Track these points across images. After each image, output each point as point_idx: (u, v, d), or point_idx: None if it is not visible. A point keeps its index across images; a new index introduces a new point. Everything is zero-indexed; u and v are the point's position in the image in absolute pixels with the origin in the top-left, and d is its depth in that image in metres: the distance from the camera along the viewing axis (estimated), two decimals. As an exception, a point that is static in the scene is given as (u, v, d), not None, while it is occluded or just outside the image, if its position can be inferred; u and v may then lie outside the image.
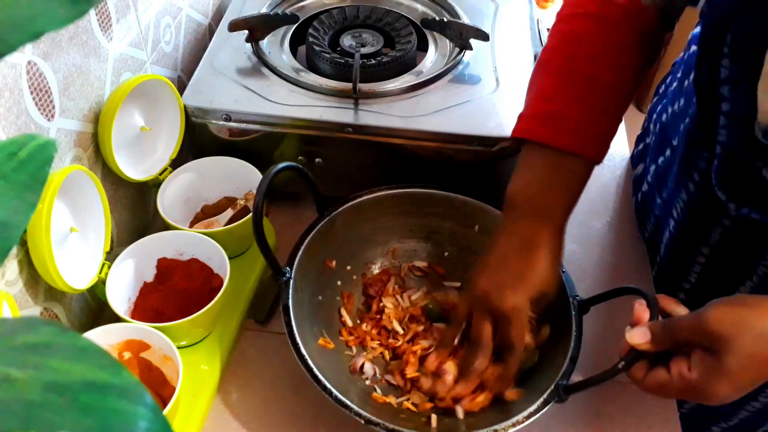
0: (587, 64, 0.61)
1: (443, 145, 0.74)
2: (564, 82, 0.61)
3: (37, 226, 0.55)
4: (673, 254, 0.76)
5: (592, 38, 0.61)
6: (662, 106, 0.82)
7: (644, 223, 0.84)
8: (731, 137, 0.57)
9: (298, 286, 0.64)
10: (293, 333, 0.60)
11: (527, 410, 0.57)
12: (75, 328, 0.68)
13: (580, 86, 0.61)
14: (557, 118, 0.61)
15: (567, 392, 0.58)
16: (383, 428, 0.56)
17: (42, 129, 0.58)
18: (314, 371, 0.58)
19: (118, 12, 0.69)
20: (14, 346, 0.21)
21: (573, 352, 0.60)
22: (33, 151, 0.26)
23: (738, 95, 0.55)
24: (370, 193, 0.72)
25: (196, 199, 0.79)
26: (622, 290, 0.62)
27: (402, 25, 0.86)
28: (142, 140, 0.74)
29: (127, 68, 0.72)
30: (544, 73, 0.63)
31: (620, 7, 0.60)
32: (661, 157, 0.79)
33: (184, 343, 0.67)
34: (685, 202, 0.71)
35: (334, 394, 0.57)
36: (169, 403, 0.56)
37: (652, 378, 0.53)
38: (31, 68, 0.56)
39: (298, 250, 0.66)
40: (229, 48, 0.82)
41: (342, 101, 0.76)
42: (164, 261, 0.71)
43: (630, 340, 0.54)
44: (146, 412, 0.20)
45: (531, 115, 0.62)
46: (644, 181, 0.85)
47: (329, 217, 0.70)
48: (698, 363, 0.50)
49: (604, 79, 0.61)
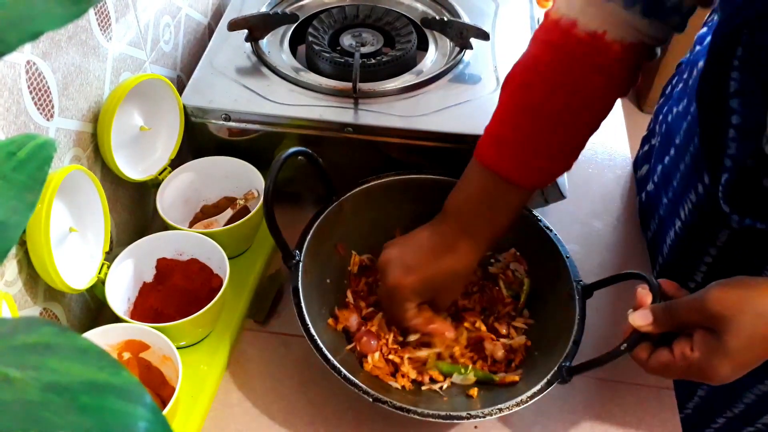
0: (542, 94, 0.58)
1: (443, 144, 0.74)
2: (515, 107, 0.60)
3: (36, 226, 0.55)
4: (678, 254, 0.76)
5: (550, 69, 0.58)
6: (668, 107, 0.82)
7: (648, 223, 0.84)
8: (742, 150, 0.57)
9: (306, 268, 0.65)
10: (303, 314, 0.61)
11: (531, 390, 0.58)
12: (74, 328, 0.68)
13: (528, 115, 0.59)
14: (503, 144, 0.60)
15: (570, 373, 0.59)
16: (390, 406, 0.57)
17: (41, 129, 0.58)
18: (323, 351, 0.59)
19: (117, 11, 0.68)
20: (14, 346, 0.21)
21: (576, 336, 0.62)
22: (32, 151, 0.26)
23: (750, 108, 0.55)
24: (379, 178, 0.73)
25: (195, 199, 0.79)
26: (625, 275, 0.63)
27: (402, 24, 0.86)
28: (142, 140, 0.74)
29: (126, 68, 0.72)
30: (505, 90, 0.62)
31: (580, 43, 0.56)
32: (667, 157, 0.79)
33: (183, 343, 0.67)
34: (693, 203, 0.71)
35: (343, 373, 0.58)
36: (168, 403, 0.56)
37: (655, 359, 0.54)
38: (30, 68, 0.56)
39: (308, 234, 0.67)
40: (228, 47, 0.82)
41: (342, 101, 0.76)
42: (164, 261, 0.71)
43: (632, 322, 0.55)
44: (146, 412, 0.20)
45: (486, 131, 0.62)
46: (650, 180, 0.85)
47: (337, 201, 0.70)
48: (700, 343, 0.51)
49: (556, 112, 0.58)
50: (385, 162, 0.77)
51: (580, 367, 0.59)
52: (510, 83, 0.61)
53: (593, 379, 0.70)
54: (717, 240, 0.69)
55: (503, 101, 0.61)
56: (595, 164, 0.94)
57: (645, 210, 0.86)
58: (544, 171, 0.61)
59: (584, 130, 0.61)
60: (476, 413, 0.58)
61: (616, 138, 0.97)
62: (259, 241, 0.78)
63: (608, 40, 0.55)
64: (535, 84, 0.59)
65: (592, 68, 0.57)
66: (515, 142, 0.60)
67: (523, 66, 0.60)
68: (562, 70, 0.58)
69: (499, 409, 0.58)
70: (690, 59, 0.80)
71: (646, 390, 0.70)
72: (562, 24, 0.57)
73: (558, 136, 0.60)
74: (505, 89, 0.62)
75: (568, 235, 0.84)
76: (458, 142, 0.73)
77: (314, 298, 0.66)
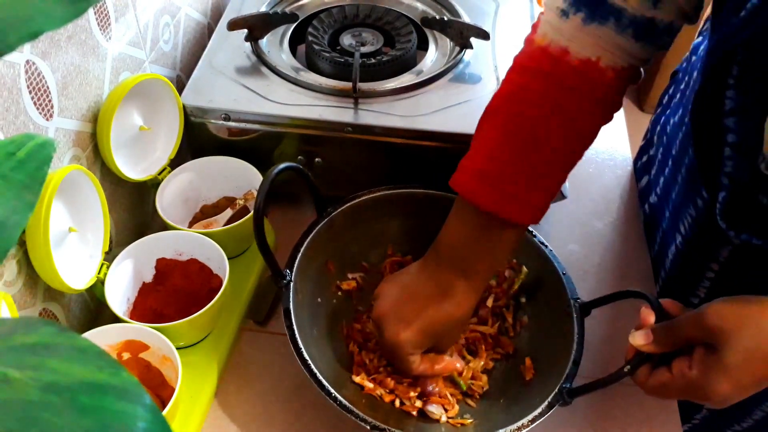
0: (533, 125, 0.56)
1: (443, 144, 0.74)
2: (506, 140, 0.56)
3: (35, 226, 0.55)
4: (680, 269, 0.75)
5: (541, 99, 0.55)
6: (665, 117, 0.82)
7: (653, 235, 0.83)
8: (738, 168, 0.56)
9: (298, 288, 0.64)
10: (295, 337, 0.60)
11: (532, 414, 0.57)
12: (74, 328, 0.68)
13: (522, 148, 0.56)
14: (495, 180, 0.56)
15: (571, 395, 0.58)
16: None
17: (40, 128, 0.58)
18: (318, 376, 0.58)
19: (117, 11, 0.68)
20: (13, 346, 0.21)
21: (576, 355, 0.60)
22: (31, 151, 0.26)
23: (746, 126, 0.54)
24: (370, 193, 0.72)
25: (195, 199, 0.79)
26: (624, 293, 0.61)
27: (402, 24, 0.86)
28: (141, 140, 0.74)
29: (125, 67, 0.72)
30: (490, 123, 0.58)
31: (574, 71, 0.54)
32: (667, 168, 0.79)
33: (183, 343, 0.67)
34: (693, 217, 0.70)
35: (339, 400, 0.57)
36: (168, 403, 0.56)
37: (654, 378, 0.53)
38: (30, 67, 0.55)
39: (298, 253, 0.66)
40: (228, 47, 0.82)
41: (342, 101, 0.76)
42: (163, 261, 0.70)
43: (633, 341, 0.54)
44: (145, 412, 0.20)
45: (471, 169, 0.58)
46: (652, 192, 0.84)
47: (328, 218, 0.69)
48: (699, 360, 0.50)
49: (550, 143, 0.56)
50: (385, 162, 0.77)
51: (581, 389, 0.57)
52: (494, 115, 0.58)
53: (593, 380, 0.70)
54: (719, 256, 0.68)
55: (489, 135, 0.57)
56: (595, 164, 0.94)
57: (649, 223, 0.85)
58: (541, 205, 0.58)
59: (574, 159, 0.59)
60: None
61: (616, 138, 0.98)
62: (259, 241, 0.78)
63: (602, 66, 0.54)
64: (526, 114, 0.56)
65: (586, 95, 0.55)
66: (511, 179, 0.56)
67: (510, 96, 0.57)
68: (555, 98, 0.55)
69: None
70: (685, 68, 0.80)
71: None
72: (552, 51, 0.54)
73: (553, 167, 0.57)
74: (490, 121, 0.58)
75: (568, 235, 0.84)
76: (458, 142, 0.73)
77: (305, 318, 0.64)
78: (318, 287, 0.69)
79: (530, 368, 0.65)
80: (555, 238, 0.83)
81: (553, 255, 0.68)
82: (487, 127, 0.58)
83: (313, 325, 0.66)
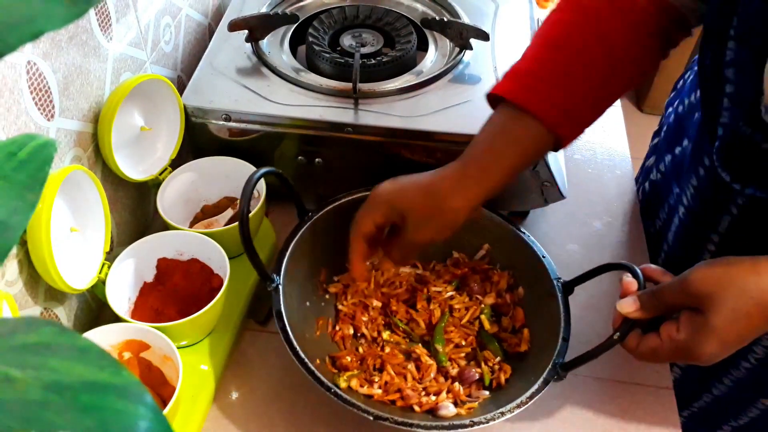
0: (565, 27, 0.59)
1: (443, 145, 0.74)
2: (537, 42, 0.60)
3: (36, 226, 0.55)
4: (683, 242, 0.76)
5: (577, 5, 0.59)
6: (679, 99, 0.83)
7: (656, 211, 0.84)
8: (733, 118, 0.57)
9: (286, 291, 0.64)
10: (290, 338, 0.60)
11: (529, 391, 0.58)
12: (75, 328, 0.68)
13: (550, 46, 0.59)
14: (520, 75, 0.59)
15: (565, 369, 0.60)
16: (392, 422, 0.56)
17: (42, 129, 0.58)
18: (315, 373, 0.58)
19: (118, 12, 0.69)
20: (14, 346, 0.21)
21: (564, 333, 0.63)
22: (33, 151, 0.26)
23: (743, 78, 0.55)
24: (349, 195, 0.72)
25: (196, 199, 0.79)
26: (605, 267, 0.63)
27: (402, 24, 0.86)
28: (142, 140, 0.74)
29: (126, 68, 0.72)
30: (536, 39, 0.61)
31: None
32: (678, 147, 0.79)
33: (184, 343, 0.67)
34: (695, 188, 0.71)
35: (339, 395, 0.57)
36: (169, 403, 0.56)
37: (644, 344, 0.55)
38: (31, 68, 0.56)
39: (284, 257, 0.66)
40: (228, 48, 0.82)
41: (342, 101, 0.76)
42: (164, 261, 0.71)
43: (620, 309, 0.56)
44: (146, 412, 0.20)
45: (505, 74, 0.60)
46: (654, 169, 0.85)
47: (310, 221, 0.69)
48: (685, 323, 0.52)
49: (575, 44, 0.58)
50: (385, 162, 0.77)
51: (574, 362, 0.59)
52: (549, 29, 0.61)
53: (592, 378, 0.70)
54: (719, 226, 0.69)
55: (530, 43, 0.62)
56: (595, 164, 0.94)
57: (650, 200, 0.86)
58: (561, 104, 0.58)
59: (609, 80, 0.59)
60: (479, 419, 0.57)
61: (616, 138, 0.98)
62: (260, 240, 0.78)
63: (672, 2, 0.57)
64: (563, 19, 0.59)
65: (619, 13, 0.58)
66: (535, 74, 0.58)
67: (547, 20, 0.61)
68: (591, 6, 0.58)
69: (501, 413, 0.57)
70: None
71: (645, 389, 0.70)
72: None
73: (576, 68, 0.58)
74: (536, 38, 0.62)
75: (568, 235, 0.84)
76: (458, 142, 0.73)
77: (296, 322, 0.64)
78: (306, 291, 0.70)
79: (527, 339, 0.68)
80: (554, 238, 0.83)
81: (531, 240, 0.70)
82: (532, 42, 0.62)
83: (305, 328, 0.67)
